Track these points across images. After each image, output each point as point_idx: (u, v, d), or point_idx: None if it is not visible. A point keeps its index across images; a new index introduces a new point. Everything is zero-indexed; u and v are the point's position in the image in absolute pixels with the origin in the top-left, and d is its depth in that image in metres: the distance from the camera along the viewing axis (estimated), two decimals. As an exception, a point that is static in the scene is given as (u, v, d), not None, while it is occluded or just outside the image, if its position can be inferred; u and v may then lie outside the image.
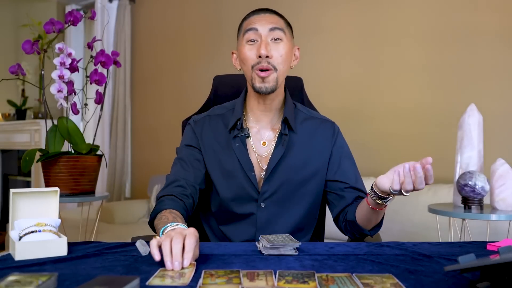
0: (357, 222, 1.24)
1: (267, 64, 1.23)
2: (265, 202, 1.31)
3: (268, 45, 1.24)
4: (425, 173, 1.03)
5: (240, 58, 1.30)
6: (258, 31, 1.25)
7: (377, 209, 1.17)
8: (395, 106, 2.93)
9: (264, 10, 1.30)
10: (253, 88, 1.27)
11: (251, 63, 1.25)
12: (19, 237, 0.97)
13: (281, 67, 1.26)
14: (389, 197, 1.12)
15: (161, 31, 4.42)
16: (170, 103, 4.30)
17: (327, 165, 1.35)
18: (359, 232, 1.27)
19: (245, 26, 1.29)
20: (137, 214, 3.90)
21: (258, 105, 1.32)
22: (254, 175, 1.30)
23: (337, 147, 1.37)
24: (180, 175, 1.31)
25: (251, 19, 1.28)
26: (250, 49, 1.25)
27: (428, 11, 2.83)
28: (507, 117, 2.53)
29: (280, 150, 1.30)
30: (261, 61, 1.23)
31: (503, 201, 1.88)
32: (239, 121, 1.32)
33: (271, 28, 1.25)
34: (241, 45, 1.28)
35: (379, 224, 1.27)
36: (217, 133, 1.35)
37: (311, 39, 3.28)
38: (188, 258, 0.87)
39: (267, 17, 1.27)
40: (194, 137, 1.36)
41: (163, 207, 1.17)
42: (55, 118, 2.16)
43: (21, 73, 2.10)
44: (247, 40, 1.26)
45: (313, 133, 1.36)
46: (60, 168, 2.04)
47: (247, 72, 1.28)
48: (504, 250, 0.80)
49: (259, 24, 1.25)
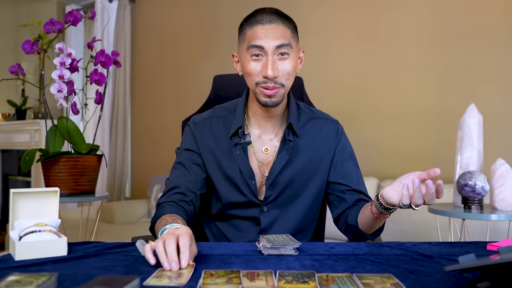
0: (359, 227, 1.23)
1: (274, 84, 1.18)
2: (268, 206, 1.30)
3: (275, 64, 1.18)
4: (437, 188, 1.00)
5: (243, 68, 1.24)
6: (264, 49, 1.18)
7: (381, 218, 1.16)
8: (395, 106, 2.93)
9: (269, 16, 1.20)
10: (257, 101, 1.23)
11: (256, 80, 1.20)
12: (19, 237, 0.97)
13: (288, 82, 1.22)
14: (394, 208, 1.11)
15: (161, 31, 4.42)
16: (170, 103, 4.30)
17: (329, 166, 1.34)
18: (360, 236, 1.26)
19: (249, 36, 1.20)
20: (137, 214, 3.90)
21: (261, 112, 1.29)
22: (254, 183, 1.28)
23: (340, 148, 1.35)
24: (180, 181, 1.28)
25: (256, 30, 1.19)
26: (255, 65, 1.19)
27: (428, 11, 2.83)
28: (507, 117, 2.53)
29: (284, 157, 1.28)
30: (266, 81, 1.18)
31: (503, 201, 1.88)
32: (240, 129, 1.29)
33: (277, 45, 1.17)
34: (245, 58, 1.21)
35: (381, 229, 1.26)
36: (217, 137, 1.32)
37: (312, 39, 3.28)
38: (186, 258, 0.87)
39: (273, 28, 1.18)
40: (193, 141, 1.33)
41: (163, 213, 1.16)
42: (55, 118, 2.16)
43: (21, 73, 2.10)
44: (251, 55, 1.19)
45: (316, 134, 1.34)
46: (60, 168, 2.04)
47: (250, 85, 1.24)
48: (504, 250, 0.80)
49: (265, 40, 1.17)
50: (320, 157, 1.33)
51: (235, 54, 1.30)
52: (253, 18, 1.21)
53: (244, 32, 1.23)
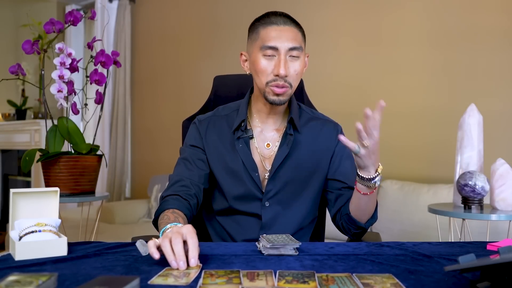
0: (351, 214, 1.26)
1: (284, 82, 1.24)
2: (269, 201, 1.32)
3: (287, 63, 1.23)
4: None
5: (253, 66, 1.28)
6: (278, 50, 1.23)
7: (368, 193, 1.18)
8: (395, 106, 2.93)
9: (283, 18, 1.26)
10: (265, 99, 1.28)
11: (267, 79, 1.25)
12: (19, 237, 0.97)
13: (296, 83, 1.28)
14: (374, 177, 1.15)
15: (161, 31, 4.42)
16: (170, 103, 4.30)
17: (328, 164, 1.36)
18: (355, 226, 1.27)
19: (263, 36, 1.25)
20: (137, 214, 3.90)
21: (265, 109, 1.33)
22: (257, 175, 1.31)
23: (340, 146, 1.37)
24: (185, 174, 1.31)
25: (270, 30, 1.24)
26: (267, 64, 1.24)
27: (427, 11, 2.83)
28: (507, 117, 2.53)
29: (285, 150, 1.31)
30: (277, 79, 1.23)
31: (503, 201, 1.88)
32: (243, 123, 1.33)
33: (290, 48, 1.23)
34: (257, 57, 1.26)
35: (373, 216, 1.28)
36: (221, 134, 1.36)
37: (312, 40, 3.27)
38: (195, 257, 0.88)
39: (287, 30, 1.24)
40: (198, 137, 1.37)
41: (166, 207, 1.18)
42: (55, 118, 2.16)
43: (21, 73, 2.10)
44: (264, 54, 1.24)
45: (317, 134, 1.37)
46: (60, 168, 2.04)
47: (259, 84, 1.28)
48: (504, 250, 0.80)
49: (279, 41, 1.23)
50: (320, 156, 1.36)
51: (244, 53, 1.34)
52: (267, 18, 1.27)
53: (257, 31, 1.27)
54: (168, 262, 0.87)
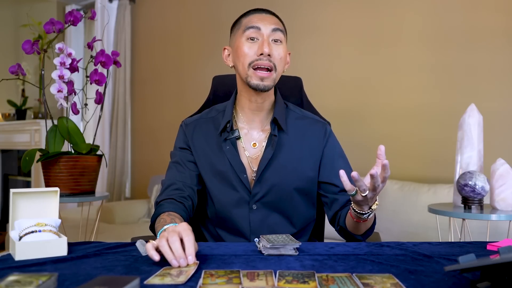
0: (348, 229, 1.24)
1: (268, 62, 1.22)
2: (256, 204, 1.30)
3: (270, 44, 1.23)
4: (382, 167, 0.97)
5: (236, 54, 1.27)
6: (260, 31, 1.24)
7: (360, 221, 1.16)
8: (394, 106, 2.93)
9: (264, 10, 1.29)
10: (248, 85, 1.25)
11: (249, 60, 1.23)
12: (19, 237, 0.97)
13: (279, 68, 1.26)
14: (366, 212, 1.10)
15: (161, 31, 4.42)
16: (170, 103, 4.30)
17: (318, 166, 1.34)
18: (352, 238, 1.27)
19: (245, 22, 1.27)
20: (137, 214, 3.90)
21: (250, 104, 1.31)
22: (246, 176, 1.29)
23: (329, 147, 1.35)
24: (177, 178, 1.30)
25: (252, 17, 1.27)
26: (250, 47, 1.24)
27: (427, 11, 2.83)
28: (507, 117, 2.53)
29: (270, 152, 1.29)
30: (261, 58, 1.22)
31: (503, 201, 1.88)
32: (229, 123, 1.31)
33: (273, 28, 1.24)
34: (240, 42, 1.26)
35: (371, 229, 1.25)
36: (207, 136, 1.34)
37: (310, 39, 3.28)
38: (192, 254, 0.88)
39: (268, 17, 1.27)
40: (185, 139, 1.36)
41: (162, 211, 1.17)
42: (55, 118, 2.16)
43: (21, 73, 2.10)
44: (247, 37, 1.24)
45: (304, 133, 1.34)
46: (60, 168, 2.04)
47: (241, 70, 1.26)
48: (504, 250, 0.80)
49: (262, 23, 1.24)
50: (308, 157, 1.33)
51: (227, 47, 1.34)
52: (249, 12, 1.30)
53: (239, 22, 1.30)
54: (168, 262, 0.87)
